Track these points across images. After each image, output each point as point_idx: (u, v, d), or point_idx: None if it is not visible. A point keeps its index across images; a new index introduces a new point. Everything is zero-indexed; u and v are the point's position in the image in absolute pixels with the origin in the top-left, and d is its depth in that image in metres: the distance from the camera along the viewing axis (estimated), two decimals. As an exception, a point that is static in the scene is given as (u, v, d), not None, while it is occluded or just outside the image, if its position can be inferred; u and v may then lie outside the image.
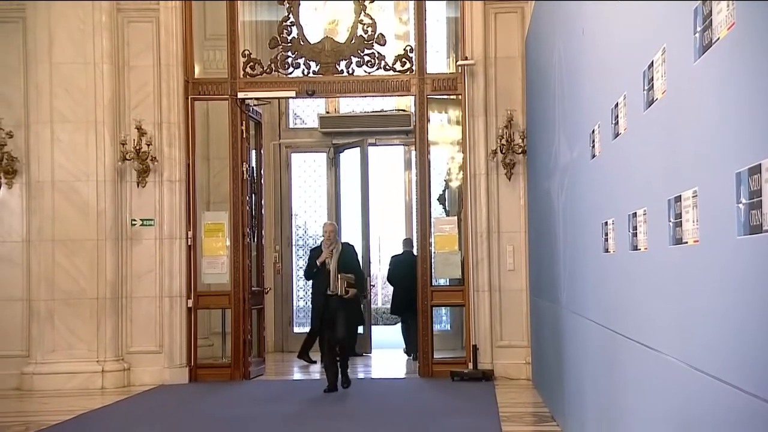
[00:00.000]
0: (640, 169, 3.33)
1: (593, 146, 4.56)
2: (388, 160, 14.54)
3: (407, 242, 12.39)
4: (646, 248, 3.22)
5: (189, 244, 9.99)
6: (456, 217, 10.67)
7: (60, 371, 9.47)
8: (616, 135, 3.82)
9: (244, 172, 10.35)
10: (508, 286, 9.80)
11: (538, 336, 8.50)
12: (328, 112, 13.58)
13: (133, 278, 9.86)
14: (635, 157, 3.45)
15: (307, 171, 14.01)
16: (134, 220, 9.90)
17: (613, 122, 3.86)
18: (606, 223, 4.12)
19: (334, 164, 13.66)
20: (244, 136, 10.34)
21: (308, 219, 14.08)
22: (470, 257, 9.85)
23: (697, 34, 2.45)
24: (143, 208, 9.92)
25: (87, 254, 9.62)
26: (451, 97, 10.59)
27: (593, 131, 4.54)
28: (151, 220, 9.92)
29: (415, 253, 11.27)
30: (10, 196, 9.82)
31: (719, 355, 2.35)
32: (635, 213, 3.36)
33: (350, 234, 13.48)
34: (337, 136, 13.59)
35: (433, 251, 10.15)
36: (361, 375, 11.28)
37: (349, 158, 13.58)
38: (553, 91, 6.83)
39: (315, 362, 11.92)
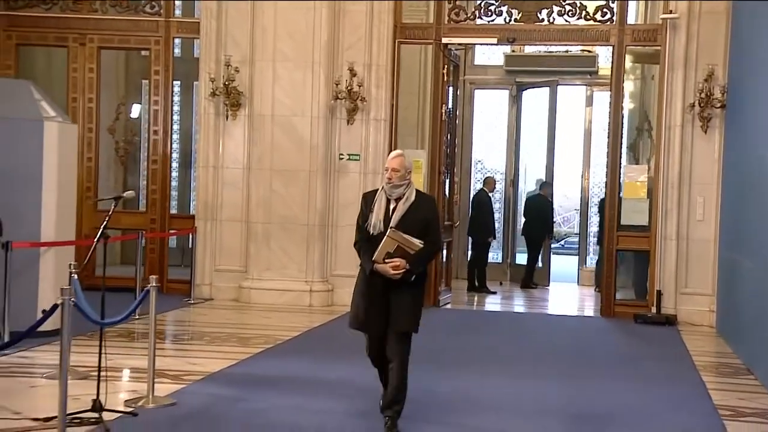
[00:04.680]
0: None
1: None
2: (569, 100, 14.83)
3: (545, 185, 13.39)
4: None
5: (390, 178, 10.73)
6: (646, 166, 10.96)
7: (273, 288, 10.53)
8: None
9: (443, 114, 10.98)
10: (695, 236, 10.12)
11: (732, 288, 8.85)
12: (513, 51, 13.95)
13: (339, 208, 10.73)
14: None
15: (489, 107, 14.51)
16: (342, 155, 10.73)
17: None
18: None
19: (516, 102, 14.11)
20: (445, 79, 10.92)
21: (487, 154, 14.64)
22: (659, 205, 10.20)
23: None
24: (350, 144, 10.72)
25: (300, 184, 10.55)
26: (648, 48, 10.77)
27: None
28: (357, 155, 10.72)
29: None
30: (234, 127, 10.80)
31: None
32: None
33: (530, 172, 14.01)
34: (521, 74, 14.00)
35: (621, 197, 10.56)
36: (538, 310, 11.96)
37: (531, 97, 13.98)
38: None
39: (495, 293, 12.67)
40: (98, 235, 5.59)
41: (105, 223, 5.54)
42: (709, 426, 5.76)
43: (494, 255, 14.79)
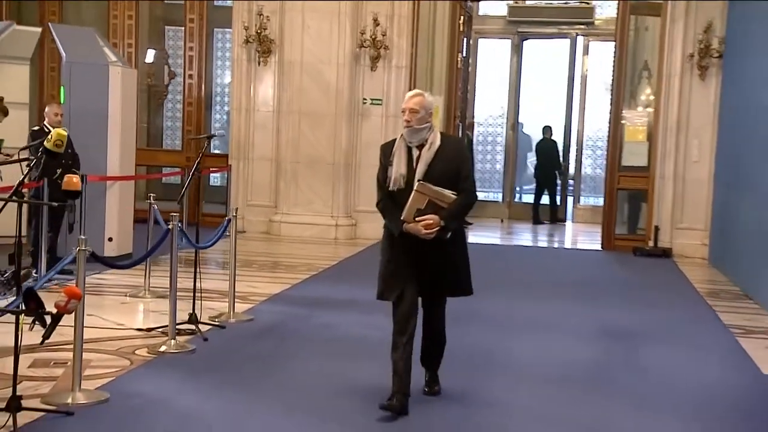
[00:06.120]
0: None
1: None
2: (562, 50, 15.63)
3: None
4: None
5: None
6: (646, 111, 11.83)
7: (301, 222, 11.37)
8: None
9: (458, 62, 11.75)
10: (690, 176, 11.05)
11: (726, 221, 9.79)
12: (516, 2, 14.69)
13: (362, 149, 11.52)
14: None
15: (491, 57, 15.29)
16: (365, 100, 11.49)
17: None
18: None
19: (517, 52, 14.88)
20: (461, 30, 11.67)
21: (487, 101, 15.49)
22: (658, 148, 11.10)
23: None
24: (373, 90, 11.49)
25: (326, 126, 11.32)
26: (641, 2, 11.58)
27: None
28: (380, 100, 11.49)
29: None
30: (264, 73, 11.51)
31: None
32: None
33: (531, 117, 14.85)
34: (522, 24, 14.78)
35: (623, 140, 11.44)
36: (542, 244, 12.90)
37: (533, 47, 14.76)
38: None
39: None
40: (192, 171, 6.34)
41: (199, 159, 6.30)
42: (724, 341, 6.56)
43: (494, 195, 15.72)
